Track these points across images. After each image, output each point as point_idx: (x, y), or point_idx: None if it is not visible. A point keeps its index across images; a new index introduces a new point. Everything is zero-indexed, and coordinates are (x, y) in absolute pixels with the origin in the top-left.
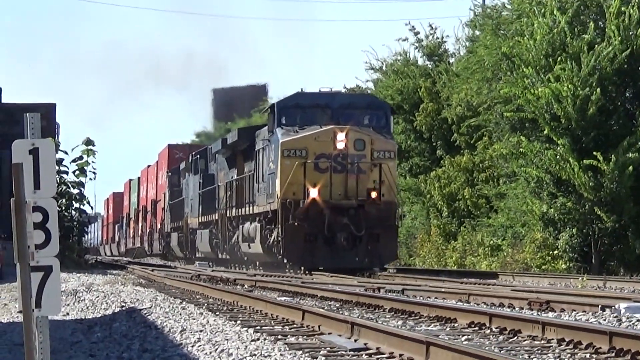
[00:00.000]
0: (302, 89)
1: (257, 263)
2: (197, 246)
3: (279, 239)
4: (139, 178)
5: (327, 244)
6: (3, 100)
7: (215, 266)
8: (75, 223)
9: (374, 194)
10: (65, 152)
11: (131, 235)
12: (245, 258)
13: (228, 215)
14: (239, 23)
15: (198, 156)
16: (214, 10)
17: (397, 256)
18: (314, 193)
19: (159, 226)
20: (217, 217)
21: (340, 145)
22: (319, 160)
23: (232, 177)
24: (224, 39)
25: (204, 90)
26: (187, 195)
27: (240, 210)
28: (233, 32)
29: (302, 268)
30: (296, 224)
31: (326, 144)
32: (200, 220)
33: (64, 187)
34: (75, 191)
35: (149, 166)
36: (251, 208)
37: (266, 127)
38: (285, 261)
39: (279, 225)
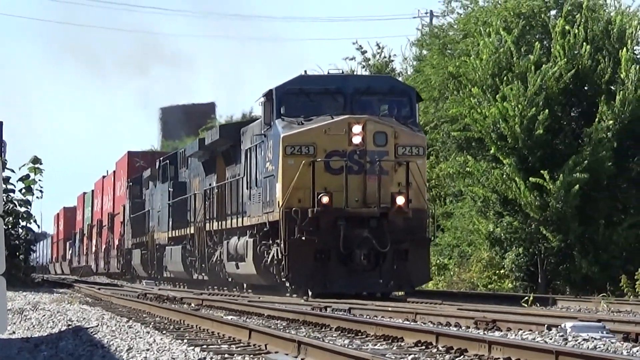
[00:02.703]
0: (305, 72)
1: (246, 285)
2: (166, 265)
3: (281, 257)
4: (92, 191)
5: (343, 263)
6: None
7: (187, 287)
8: (21, 241)
9: (400, 200)
10: (12, 170)
11: (84, 253)
12: (230, 279)
13: (207, 229)
14: (184, 41)
15: (167, 161)
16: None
17: (429, 277)
18: (325, 199)
19: (117, 242)
20: (192, 232)
21: (357, 140)
22: (330, 159)
23: (210, 184)
24: (167, 58)
25: (151, 109)
26: (152, 207)
27: (223, 222)
28: (179, 51)
29: (310, 293)
30: (303, 238)
31: (339, 138)
32: (170, 235)
33: (11, 206)
34: (22, 209)
35: (104, 177)
36: (240, 220)
37: (257, 122)
38: (288, 284)
39: (281, 240)
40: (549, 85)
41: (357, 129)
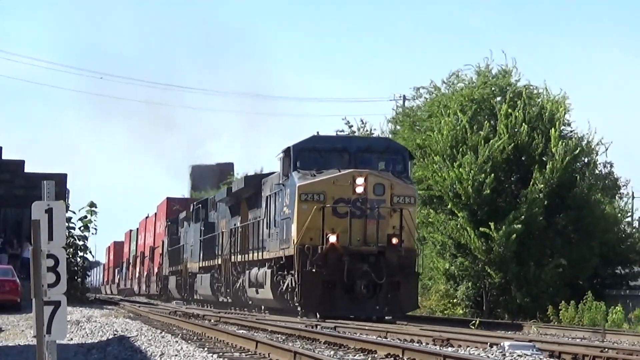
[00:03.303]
0: (317, 132)
1: (263, 308)
2: (196, 289)
3: (295, 285)
4: (137, 228)
5: (346, 292)
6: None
7: (214, 308)
8: (79, 268)
9: (394, 240)
10: (73, 212)
11: (129, 278)
12: (251, 302)
13: (232, 260)
14: (210, 115)
15: (200, 206)
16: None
17: (417, 305)
18: (332, 239)
19: (156, 270)
20: (219, 262)
21: (360, 190)
22: (337, 205)
23: (235, 224)
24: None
25: (182, 166)
26: (186, 242)
27: (246, 255)
28: (207, 121)
29: (318, 315)
30: (314, 270)
31: (345, 188)
32: (200, 265)
33: (71, 240)
34: (80, 243)
35: (147, 217)
36: (260, 254)
37: (275, 174)
38: (299, 309)
39: (295, 272)
40: (495, 155)
41: (360, 180)
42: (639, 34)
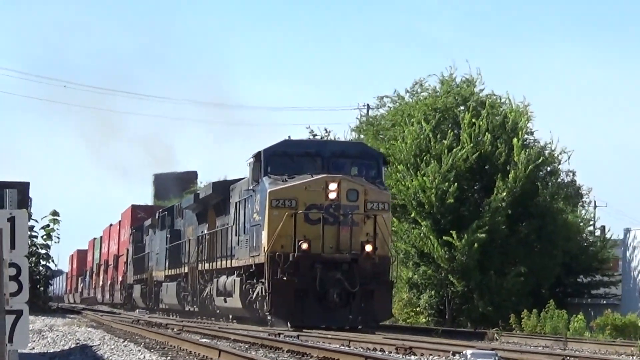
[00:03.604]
0: (289, 137)
1: (231, 317)
2: (162, 298)
3: (265, 294)
4: (101, 237)
5: (319, 300)
6: None
7: (180, 317)
8: (41, 277)
9: (368, 248)
10: (36, 221)
11: (93, 286)
12: (218, 311)
13: (199, 268)
14: (175, 124)
15: (165, 213)
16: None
17: (391, 314)
18: (304, 246)
19: (120, 279)
20: (185, 271)
21: (333, 196)
22: (309, 211)
23: (202, 232)
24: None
25: (145, 174)
26: (152, 250)
27: (214, 263)
28: (173, 132)
29: (289, 325)
30: (285, 278)
31: (317, 194)
32: (166, 273)
33: (34, 248)
34: (43, 251)
35: (111, 225)
36: (229, 261)
37: (244, 180)
38: (269, 318)
39: (266, 280)
40: (458, 164)
41: (333, 186)
42: (601, 41)
